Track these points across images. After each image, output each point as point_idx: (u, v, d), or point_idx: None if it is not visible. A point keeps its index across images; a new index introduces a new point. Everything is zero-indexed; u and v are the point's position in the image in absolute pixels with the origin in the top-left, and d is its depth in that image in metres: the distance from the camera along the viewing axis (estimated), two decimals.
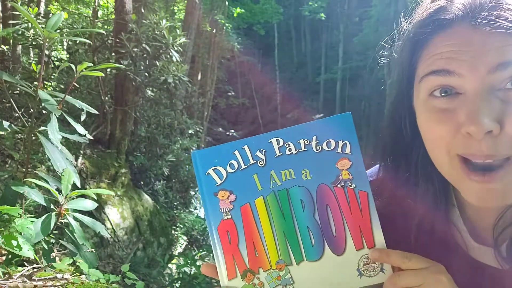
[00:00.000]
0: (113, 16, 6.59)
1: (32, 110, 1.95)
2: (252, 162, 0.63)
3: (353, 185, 0.63)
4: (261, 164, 0.63)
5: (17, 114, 3.56)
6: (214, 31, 13.46)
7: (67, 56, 7.60)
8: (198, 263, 5.61)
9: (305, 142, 0.64)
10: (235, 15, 17.26)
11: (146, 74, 6.32)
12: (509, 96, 0.53)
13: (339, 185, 0.63)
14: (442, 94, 0.57)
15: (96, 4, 7.02)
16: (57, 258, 1.64)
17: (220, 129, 22.16)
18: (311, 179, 0.63)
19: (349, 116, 0.64)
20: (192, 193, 8.75)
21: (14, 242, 1.36)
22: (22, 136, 4.11)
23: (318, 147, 0.64)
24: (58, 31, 1.80)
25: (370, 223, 0.64)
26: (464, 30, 0.56)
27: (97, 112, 2.01)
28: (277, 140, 0.64)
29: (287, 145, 0.64)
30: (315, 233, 0.63)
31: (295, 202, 0.63)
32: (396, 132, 0.70)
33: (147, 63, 6.30)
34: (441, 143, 0.58)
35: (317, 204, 0.63)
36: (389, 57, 0.73)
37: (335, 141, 0.64)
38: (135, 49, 5.87)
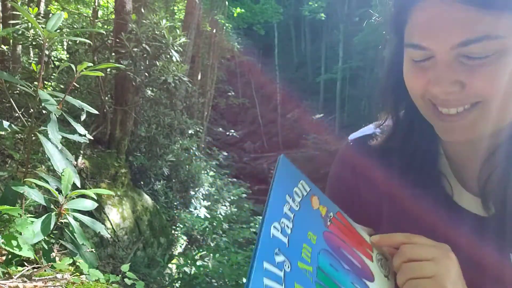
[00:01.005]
0: (113, 16, 6.59)
1: (32, 110, 1.95)
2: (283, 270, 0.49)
3: (331, 214, 0.62)
4: (288, 268, 0.50)
5: (17, 114, 3.56)
6: (214, 31, 13.46)
7: (67, 56, 7.60)
8: (198, 263, 5.61)
9: (289, 209, 0.55)
10: (235, 15, 17.26)
11: (146, 74, 6.32)
12: (473, 63, 0.59)
13: (328, 222, 0.61)
14: (419, 59, 0.65)
15: (96, 4, 7.02)
16: (57, 258, 1.64)
17: (220, 129, 22.17)
18: (316, 237, 0.57)
19: (283, 158, 0.58)
20: (192, 193, 8.75)
21: (14, 242, 1.36)
22: (22, 136, 4.11)
23: (296, 204, 0.57)
24: (58, 31, 1.80)
25: (358, 233, 0.65)
26: (438, 2, 0.59)
27: (97, 112, 2.01)
28: (274, 227, 0.51)
29: (283, 225, 0.53)
30: (356, 281, 0.58)
31: (329, 270, 0.55)
32: (392, 84, 0.75)
33: (147, 63, 6.30)
34: (416, 91, 0.66)
35: (337, 255, 0.58)
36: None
37: (297, 187, 0.58)
38: (135, 49, 5.87)
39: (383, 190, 0.77)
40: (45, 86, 5.84)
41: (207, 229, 7.11)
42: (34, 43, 5.14)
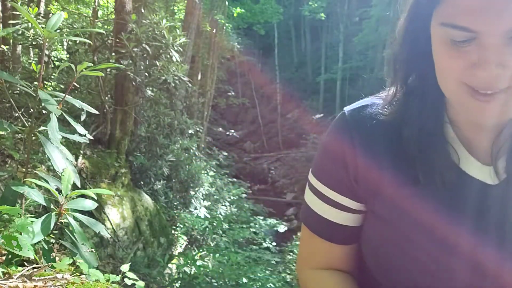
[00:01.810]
0: (113, 16, 6.59)
1: (32, 110, 1.95)
2: None
3: None
4: None
5: (17, 114, 3.56)
6: (214, 31, 13.45)
7: (67, 56, 7.60)
8: (198, 263, 5.61)
9: None
10: (235, 15, 17.25)
11: (146, 74, 6.32)
12: None
13: None
14: (464, 44, 0.62)
15: (96, 4, 7.02)
16: (57, 258, 1.64)
17: (220, 129, 22.18)
18: None
19: None
20: (192, 193, 8.75)
21: (14, 242, 1.36)
22: (22, 136, 4.11)
23: None
24: (58, 31, 1.80)
25: None
26: None
27: (97, 112, 2.01)
28: None
29: None
30: None
31: None
32: (406, 54, 0.72)
33: (147, 63, 6.30)
34: (450, 73, 0.64)
35: None
36: None
37: None
38: (135, 49, 5.87)
39: (386, 161, 0.74)
40: (45, 86, 5.84)
41: (207, 229, 7.11)
42: (34, 43, 5.14)
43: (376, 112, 0.78)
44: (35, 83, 1.77)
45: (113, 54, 5.95)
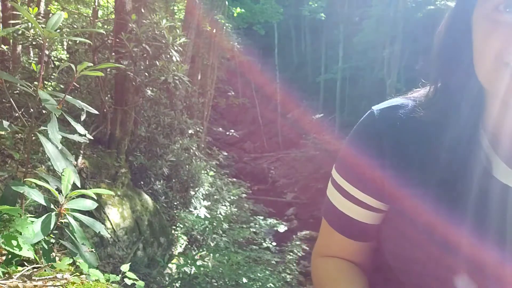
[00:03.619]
0: (113, 16, 6.59)
1: (32, 110, 1.95)
2: None
3: None
4: None
5: (17, 114, 3.55)
6: (214, 31, 13.45)
7: (67, 56, 7.60)
8: (198, 263, 5.61)
9: None
10: (235, 15, 17.25)
11: (146, 74, 6.32)
12: None
13: None
14: (507, 10, 0.59)
15: (96, 4, 7.02)
16: (57, 258, 1.64)
17: (220, 129, 22.17)
18: None
19: None
20: (192, 193, 8.75)
21: (14, 242, 1.36)
22: (22, 136, 4.11)
23: None
24: (58, 31, 1.80)
25: None
26: None
27: (97, 112, 2.01)
28: None
29: None
30: None
31: None
32: (448, 48, 0.71)
33: (147, 63, 6.30)
34: (491, 50, 0.61)
35: None
36: None
37: None
38: (135, 49, 5.87)
39: (415, 163, 0.73)
40: (45, 86, 5.84)
41: (207, 229, 7.11)
42: (34, 43, 5.14)
43: (407, 113, 0.76)
44: (35, 83, 1.77)
45: (113, 54, 5.95)
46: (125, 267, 1.86)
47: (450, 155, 0.70)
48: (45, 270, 1.48)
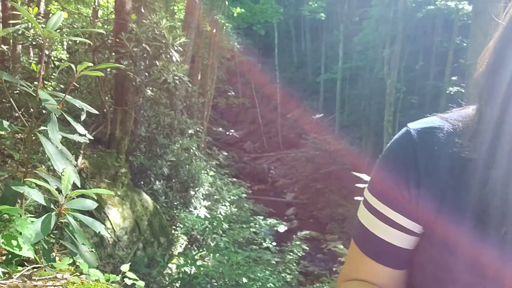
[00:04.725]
0: (113, 16, 6.59)
1: (32, 110, 1.95)
2: None
3: None
4: None
5: (17, 114, 3.56)
6: (214, 31, 13.45)
7: (67, 56, 7.60)
8: (198, 263, 5.61)
9: None
10: (235, 15, 17.26)
11: (146, 74, 6.32)
12: None
13: None
14: None
15: (96, 4, 7.02)
16: (57, 258, 1.64)
17: (220, 129, 22.19)
18: None
19: None
20: (192, 193, 8.75)
21: (14, 242, 1.36)
22: (22, 136, 4.11)
23: None
24: (58, 31, 1.80)
25: None
26: None
27: (97, 112, 2.01)
28: None
29: None
30: None
31: None
32: (498, 65, 0.64)
33: (147, 63, 6.30)
34: None
35: None
36: None
37: None
38: (135, 49, 5.87)
39: (450, 193, 0.68)
40: (45, 86, 5.84)
41: (207, 229, 7.11)
42: (34, 43, 5.15)
43: (445, 137, 0.71)
44: (35, 83, 1.77)
45: (113, 54, 5.95)
46: (125, 267, 1.86)
47: (492, 195, 0.63)
48: (45, 270, 1.48)
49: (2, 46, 5.39)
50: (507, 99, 0.62)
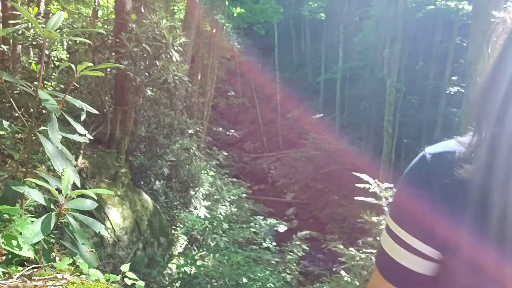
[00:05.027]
0: (113, 16, 6.59)
1: (32, 110, 1.95)
2: None
3: None
4: None
5: (17, 114, 3.56)
6: (214, 31, 13.45)
7: (67, 56, 7.60)
8: (198, 263, 5.61)
9: None
10: (235, 15, 17.25)
11: (146, 74, 6.32)
12: None
13: None
14: None
15: (96, 4, 7.02)
16: (57, 258, 1.64)
17: (220, 129, 22.17)
18: None
19: None
20: (192, 193, 8.75)
21: (14, 242, 1.36)
22: (22, 136, 4.11)
23: None
24: (58, 31, 1.80)
25: None
26: None
27: (97, 112, 2.01)
28: None
29: None
30: None
31: None
32: (496, 93, 0.66)
33: (147, 63, 6.30)
34: None
35: None
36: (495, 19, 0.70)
37: None
38: (135, 49, 5.87)
39: (464, 218, 0.68)
40: (45, 86, 5.84)
41: (207, 229, 7.11)
42: (34, 43, 5.14)
43: (456, 162, 0.71)
44: (35, 83, 1.77)
45: (113, 54, 5.95)
46: (125, 267, 1.86)
47: (497, 221, 0.63)
48: (45, 270, 1.48)
49: (2, 46, 5.39)
50: (501, 119, 0.64)
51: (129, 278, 1.83)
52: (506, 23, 0.67)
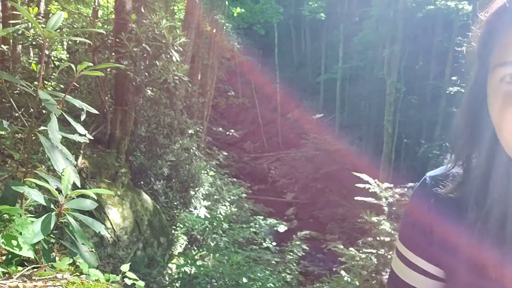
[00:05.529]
0: (113, 16, 6.59)
1: (32, 110, 1.95)
2: None
3: None
4: None
5: (17, 114, 3.56)
6: (214, 31, 13.45)
7: (67, 56, 7.61)
8: (198, 263, 5.61)
9: None
10: (235, 15, 17.25)
11: (146, 74, 6.32)
12: None
13: None
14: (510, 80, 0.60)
15: (96, 4, 7.02)
16: (57, 258, 1.64)
17: (220, 129, 22.16)
18: None
19: None
20: (192, 193, 8.75)
21: (14, 242, 1.36)
22: (22, 136, 4.11)
23: None
24: (58, 31, 1.80)
25: None
26: None
27: (97, 112, 2.01)
28: None
29: None
30: None
31: None
32: (471, 122, 0.70)
33: (147, 63, 6.30)
34: (507, 125, 0.60)
35: None
36: (464, 45, 0.74)
37: None
38: (135, 49, 5.87)
39: (460, 235, 0.73)
40: (45, 86, 5.84)
41: (207, 229, 7.11)
42: (34, 43, 5.15)
43: (454, 179, 0.76)
44: (35, 83, 1.77)
45: (113, 54, 5.95)
46: (125, 267, 1.86)
47: (493, 224, 0.67)
48: (45, 270, 1.48)
49: (2, 46, 5.39)
50: (475, 148, 0.69)
51: (129, 278, 1.83)
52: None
